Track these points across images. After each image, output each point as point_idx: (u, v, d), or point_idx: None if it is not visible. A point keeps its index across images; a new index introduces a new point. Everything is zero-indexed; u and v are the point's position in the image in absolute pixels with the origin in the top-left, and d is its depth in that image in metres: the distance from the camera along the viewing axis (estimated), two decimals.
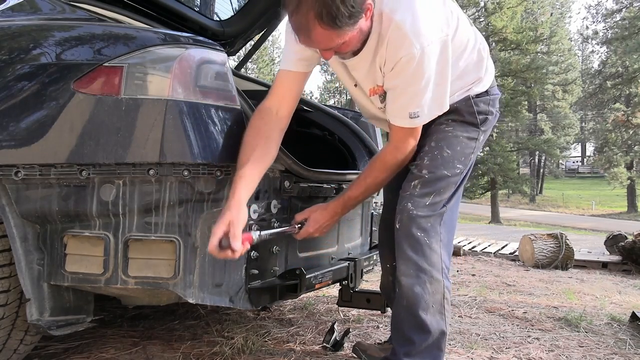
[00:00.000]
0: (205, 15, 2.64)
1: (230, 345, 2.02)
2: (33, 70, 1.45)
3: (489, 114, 1.68)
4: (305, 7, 1.28)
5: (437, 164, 1.59)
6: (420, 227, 1.54)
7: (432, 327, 1.54)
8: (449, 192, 1.60)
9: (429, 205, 1.56)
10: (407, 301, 1.54)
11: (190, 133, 1.37)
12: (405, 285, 1.54)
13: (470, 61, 1.63)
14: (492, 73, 1.73)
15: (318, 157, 2.32)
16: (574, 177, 49.33)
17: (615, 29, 26.84)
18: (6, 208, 1.43)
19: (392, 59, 1.44)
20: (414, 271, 1.53)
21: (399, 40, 1.40)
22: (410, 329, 1.55)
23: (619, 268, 5.31)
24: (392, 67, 1.45)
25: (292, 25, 1.36)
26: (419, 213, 1.54)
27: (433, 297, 1.54)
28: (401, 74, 1.45)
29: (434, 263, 1.54)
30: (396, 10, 1.40)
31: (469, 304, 3.11)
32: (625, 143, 27.07)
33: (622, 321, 2.82)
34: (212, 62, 1.47)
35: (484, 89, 1.67)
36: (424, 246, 1.53)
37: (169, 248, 1.40)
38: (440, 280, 1.55)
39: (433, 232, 1.55)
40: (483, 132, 1.68)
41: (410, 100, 1.48)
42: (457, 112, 1.63)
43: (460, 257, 5.67)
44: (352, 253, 2.24)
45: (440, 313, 1.55)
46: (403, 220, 1.56)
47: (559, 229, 8.76)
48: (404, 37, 1.39)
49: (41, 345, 1.96)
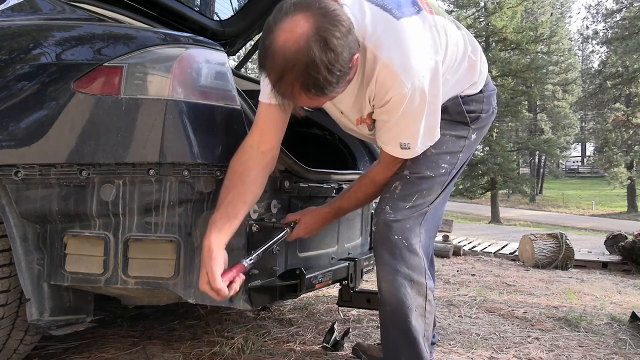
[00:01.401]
0: (205, 15, 2.64)
1: (230, 345, 2.02)
2: (33, 70, 1.45)
3: (482, 112, 1.62)
4: (289, 78, 1.15)
5: (420, 164, 1.51)
6: (397, 231, 1.46)
7: (415, 332, 1.48)
8: (434, 194, 1.53)
9: (409, 208, 1.48)
10: (390, 307, 1.49)
11: (190, 133, 1.37)
12: (385, 290, 1.48)
13: (463, 70, 1.56)
14: (486, 72, 1.67)
15: (318, 157, 2.32)
16: (574, 177, 49.31)
17: (615, 29, 26.85)
18: (6, 208, 1.43)
19: (381, 97, 1.36)
20: (392, 276, 1.47)
21: (389, 80, 1.31)
22: (396, 335, 1.50)
23: (619, 268, 5.31)
24: (382, 105, 1.37)
25: (275, 90, 1.22)
26: (397, 217, 1.47)
27: (415, 301, 1.48)
28: (392, 112, 1.37)
29: (413, 266, 1.47)
30: (381, 47, 1.29)
31: (469, 304, 3.11)
32: (625, 143, 27.05)
33: (622, 321, 2.82)
34: (212, 62, 1.47)
35: (477, 90, 1.61)
36: (403, 250, 1.46)
37: (169, 248, 1.40)
38: (422, 282, 1.49)
39: (412, 234, 1.47)
40: (475, 130, 1.61)
41: (401, 132, 1.42)
42: (445, 112, 1.54)
43: (460, 257, 5.67)
44: (352, 253, 2.24)
45: (421, 316, 1.50)
46: (379, 224, 1.49)
47: (559, 229, 8.77)
48: (395, 77, 1.30)
49: (41, 345, 1.96)
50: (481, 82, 1.63)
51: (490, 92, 1.66)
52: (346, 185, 2.09)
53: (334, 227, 2.16)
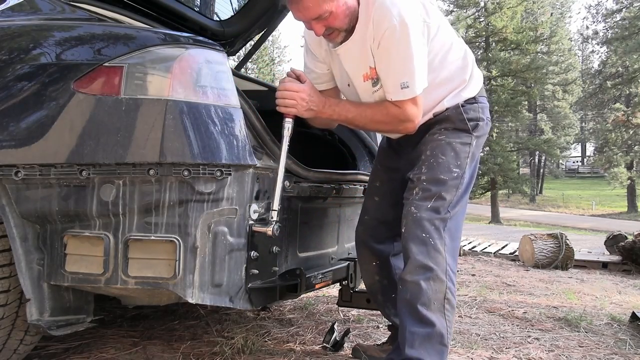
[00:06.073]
0: (205, 15, 2.64)
1: (230, 345, 2.02)
2: (33, 70, 1.45)
3: (480, 120, 1.74)
4: None
5: (434, 170, 1.66)
6: (424, 229, 1.59)
7: (434, 322, 1.56)
8: (450, 195, 1.64)
9: (430, 208, 1.61)
10: (410, 295, 1.57)
11: (190, 133, 1.37)
12: (410, 281, 1.57)
13: (456, 64, 1.71)
14: (480, 81, 1.79)
15: (318, 157, 2.32)
16: (574, 177, 49.29)
17: (615, 29, 26.82)
18: (6, 208, 1.42)
19: (378, 36, 1.56)
20: (419, 269, 1.57)
21: (381, 15, 1.53)
22: (413, 322, 1.57)
23: (619, 268, 5.31)
24: (379, 44, 1.57)
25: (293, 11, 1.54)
26: (422, 215, 1.60)
27: (435, 295, 1.57)
28: (387, 48, 1.56)
29: (438, 263, 1.58)
30: None
31: (469, 304, 3.11)
32: (625, 143, 27.04)
33: (622, 321, 2.82)
34: (212, 62, 1.47)
35: (472, 94, 1.73)
36: (429, 247, 1.58)
37: (169, 248, 1.40)
38: (443, 280, 1.58)
39: (437, 235, 1.60)
40: (476, 138, 1.74)
41: (399, 70, 1.57)
42: (448, 120, 1.71)
43: (460, 257, 5.67)
44: (352, 253, 2.24)
45: (440, 311, 1.58)
46: (408, 223, 1.62)
47: (559, 229, 8.76)
48: (386, 11, 1.53)
49: (41, 345, 1.96)
50: (474, 85, 1.75)
51: (484, 103, 1.79)
52: (346, 185, 2.09)
53: (334, 227, 2.16)
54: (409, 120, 1.64)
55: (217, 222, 1.43)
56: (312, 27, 1.58)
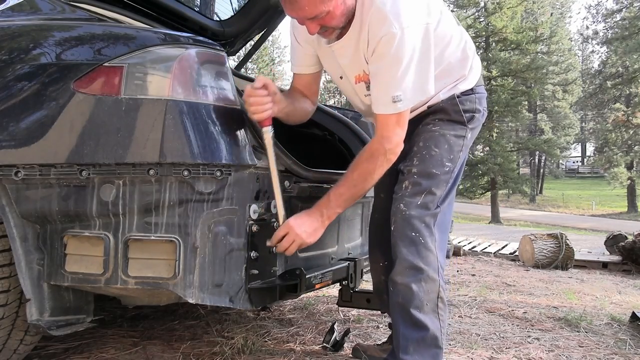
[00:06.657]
0: (205, 15, 2.64)
1: (230, 345, 2.02)
2: (33, 70, 1.45)
3: (476, 112, 1.69)
4: None
5: (426, 163, 1.60)
6: (414, 227, 1.55)
7: (427, 325, 1.54)
8: (440, 191, 1.61)
9: (420, 204, 1.57)
10: (402, 298, 1.55)
11: (190, 133, 1.37)
12: (400, 283, 1.55)
13: (455, 58, 1.64)
14: (479, 71, 1.73)
15: (318, 157, 2.32)
16: (574, 177, 49.28)
17: (615, 29, 26.82)
18: (6, 208, 1.42)
19: (373, 41, 1.46)
20: (408, 270, 1.54)
21: (379, 22, 1.43)
22: (407, 326, 1.56)
23: (619, 268, 5.31)
24: (374, 50, 1.47)
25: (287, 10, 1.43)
26: (412, 213, 1.56)
27: (428, 296, 1.55)
28: (382, 57, 1.46)
29: (429, 262, 1.55)
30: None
31: (469, 304, 3.11)
32: (625, 143, 27.03)
33: (622, 321, 2.82)
34: (212, 62, 1.47)
35: (469, 86, 1.68)
36: (419, 246, 1.55)
37: (168, 248, 1.40)
38: (436, 279, 1.56)
39: (428, 233, 1.56)
40: (471, 130, 1.69)
41: (391, 82, 1.48)
42: (443, 112, 1.65)
43: (460, 257, 5.67)
44: (352, 253, 2.24)
45: (434, 312, 1.56)
46: (397, 221, 1.58)
47: (559, 229, 8.76)
48: (384, 18, 1.42)
49: (41, 345, 1.96)
50: (472, 78, 1.69)
51: (481, 93, 1.73)
52: None
53: (334, 227, 2.16)
54: (392, 148, 1.53)
55: (217, 222, 1.43)
56: (306, 25, 1.48)
